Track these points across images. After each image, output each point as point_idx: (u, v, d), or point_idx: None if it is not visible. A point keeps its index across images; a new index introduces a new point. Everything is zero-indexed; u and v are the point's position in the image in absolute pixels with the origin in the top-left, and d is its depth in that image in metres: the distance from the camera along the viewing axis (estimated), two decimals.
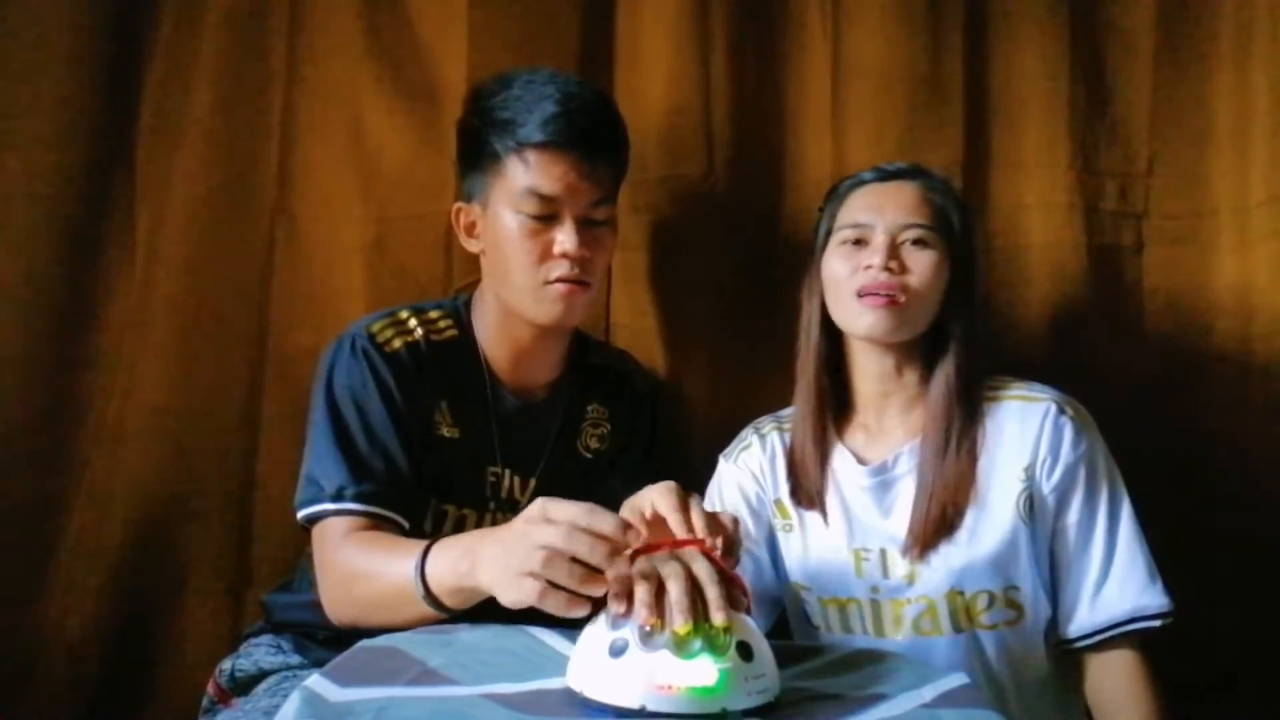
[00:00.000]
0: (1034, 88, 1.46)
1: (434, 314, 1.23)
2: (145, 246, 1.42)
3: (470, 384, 1.22)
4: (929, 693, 0.83)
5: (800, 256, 1.48)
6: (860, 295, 1.13)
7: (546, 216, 1.14)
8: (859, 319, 1.14)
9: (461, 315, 1.25)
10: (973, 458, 1.13)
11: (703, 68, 1.47)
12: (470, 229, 1.22)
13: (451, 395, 1.20)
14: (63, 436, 1.38)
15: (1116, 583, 1.11)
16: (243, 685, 1.20)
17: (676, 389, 1.47)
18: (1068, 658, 1.15)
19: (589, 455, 1.29)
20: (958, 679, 0.86)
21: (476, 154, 1.18)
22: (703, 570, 0.79)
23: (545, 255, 1.15)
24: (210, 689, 1.25)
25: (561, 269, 1.15)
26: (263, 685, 1.19)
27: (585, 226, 1.16)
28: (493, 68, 1.23)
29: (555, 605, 0.80)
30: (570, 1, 1.49)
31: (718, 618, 0.76)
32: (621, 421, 1.31)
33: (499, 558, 0.85)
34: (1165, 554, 1.14)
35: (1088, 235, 1.44)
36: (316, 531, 1.10)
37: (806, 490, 1.20)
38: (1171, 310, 1.45)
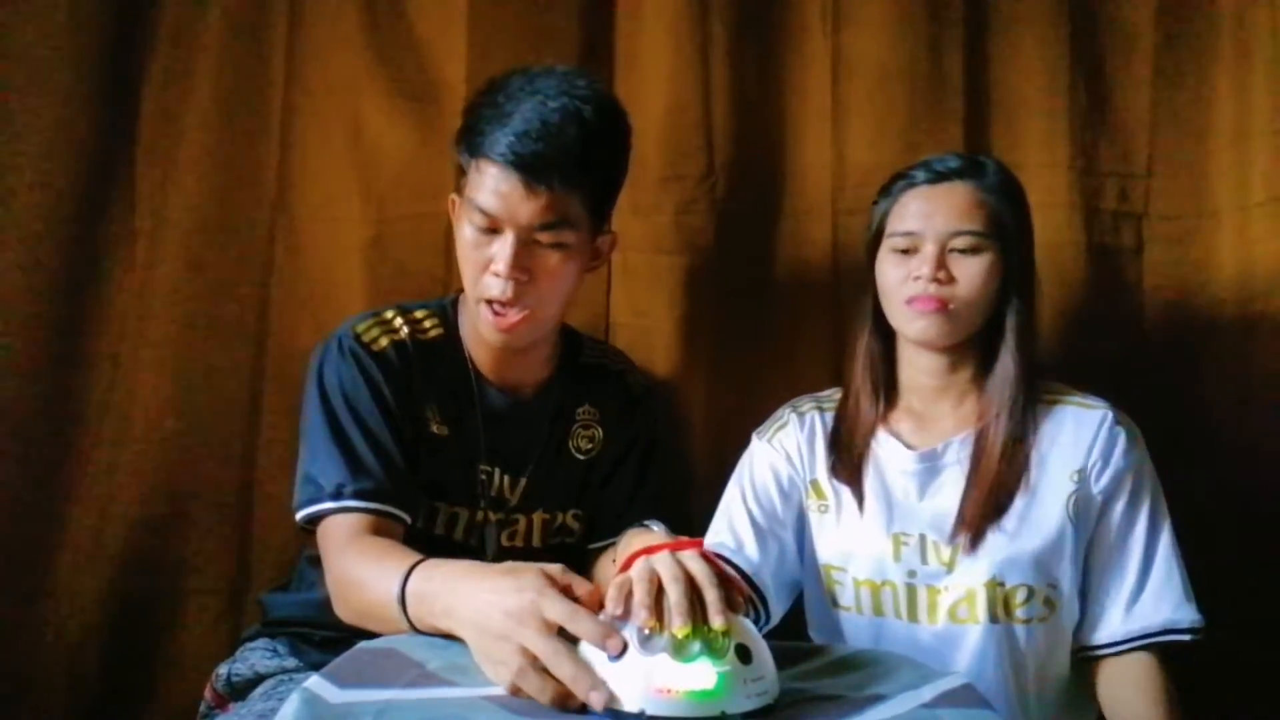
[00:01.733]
0: (1034, 87, 1.46)
1: (419, 314, 1.22)
2: (145, 246, 1.42)
3: (456, 383, 1.21)
4: (928, 693, 0.83)
5: (800, 256, 1.48)
6: (909, 302, 1.14)
7: (490, 230, 1.11)
8: (910, 324, 1.15)
9: (448, 315, 1.24)
10: (1027, 453, 1.14)
11: (703, 68, 1.48)
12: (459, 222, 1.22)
13: (439, 394, 1.20)
14: (63, 436, 1.38)
15: (1152, 594, 1.11)
16: (239, 690, 1.21)
17: (676, 389, 1.47)
18: (1086, 664, 1.15)
19: (580, 456, 1.28)
20: (957, 679, 0.86)
21: (460, 155, 1.17)
22: (701, 573, 0.79)
23: (483, 269, 1.12)
24: (207, 694, 1.25)
25: (494, 288, 1.11)
26: (259, 689, 1.19)
27: (529, 247, 1.10)
28: (492, 68, 1.22)
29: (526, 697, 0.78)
30: (570, 1, 1.49)
31: (717, 621, 0.76)
32: (614, 423, 1.30)
33: (478, 632, 0.82)
34: None
35: (1088, 235, 1.45)
36: (320, 532, 1.09)
37: (848, 466, 1.20)
38: (1171, 310, 1.45)
